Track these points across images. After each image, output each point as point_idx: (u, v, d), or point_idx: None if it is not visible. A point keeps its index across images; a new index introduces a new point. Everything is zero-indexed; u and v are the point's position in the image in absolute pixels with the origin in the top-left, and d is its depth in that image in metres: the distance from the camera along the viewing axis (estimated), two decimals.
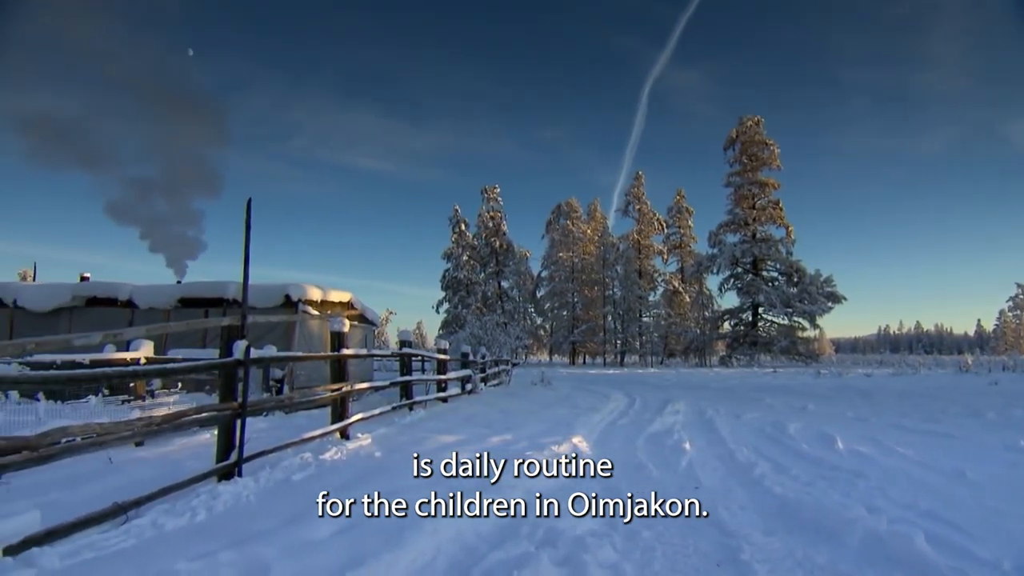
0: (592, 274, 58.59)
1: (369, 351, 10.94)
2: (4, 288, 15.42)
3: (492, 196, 56.49)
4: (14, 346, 3.31)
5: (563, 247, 60.21)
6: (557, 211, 62.88)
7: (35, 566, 3.02)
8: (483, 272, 55.29)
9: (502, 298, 55.72)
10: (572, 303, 60.00)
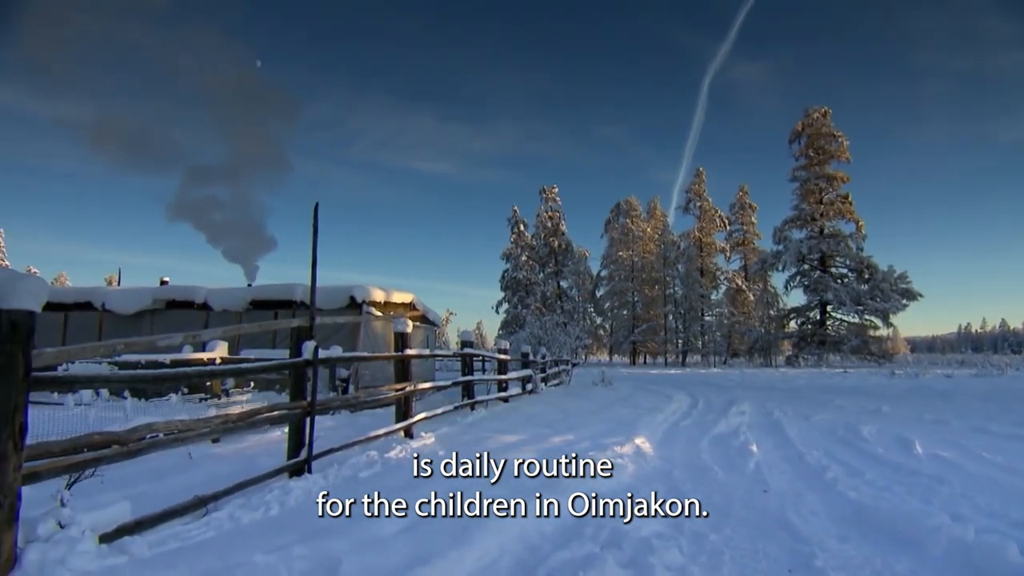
0: (652, 273, 57.82)
1: (431, 351, 11.12)
2: (93, 293, 16.42)
3: (551, 196, 56.45)
4: (106, 347, 3.54)
5: (623, 246, 59.63)
6: (616, 210, 62.31)
7: (127, 554, 3.22)
8: (542, 272, 55.33)
9: (561, 298, 55.61)
10: (632, 302, 59.35)
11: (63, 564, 2.90)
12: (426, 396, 12.92)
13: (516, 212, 55.97)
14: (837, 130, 49.72)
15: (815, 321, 49.41)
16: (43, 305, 2.91)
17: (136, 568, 3.07)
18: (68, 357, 3.45)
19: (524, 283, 53.38)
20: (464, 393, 11.13)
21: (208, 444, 7.07)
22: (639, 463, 6.49)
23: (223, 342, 8.29)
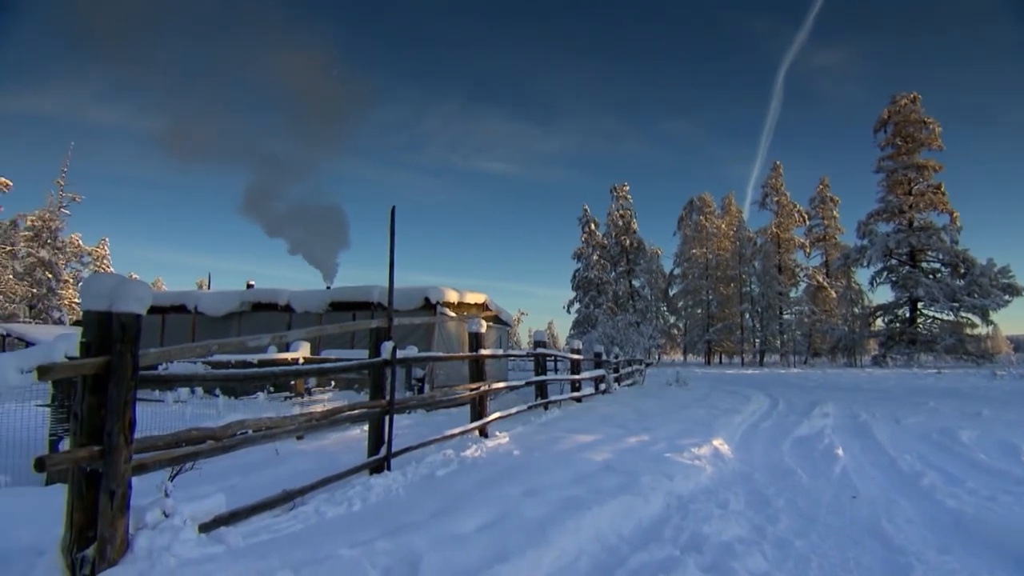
0: (728, 270, 56.25)
1: (505, 351, 11.20)
2: (187, 296, 17.41)
3: (621, 194, 55.82)
4: (202, 347, 3.75)
5: (696, 243, 58.31)
6: (689, 206, 60.97)
7: (223, 543, 3.40)
8: (614, 271, 54.76)
9: (634, 297, 54.87)
10: (707, 301, 57.93)
11: (168, 551, 3.09)
12: (500, 396, 13.03)
13: (587, 211, 55.63)
14: (928, 116, 46.85)
15: (904, 319, 46.77)
16: (147, 309, 3.12)
17: (232, 558, 3.23)
18: (168, 357, 3.67)
19: (595, 282, 52.98)
20: (537, 393, 11.17)
21: (293, 441, 7.36)
22: (717, 465, 6.34)
23: (306, 343, 8.61)
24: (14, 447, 5.72)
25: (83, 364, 2.99)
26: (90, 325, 3.05)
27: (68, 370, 3.02)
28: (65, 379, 3.89)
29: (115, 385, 2.99)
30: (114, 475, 2.99)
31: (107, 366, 2.99)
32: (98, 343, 3.01)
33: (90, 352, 3.03)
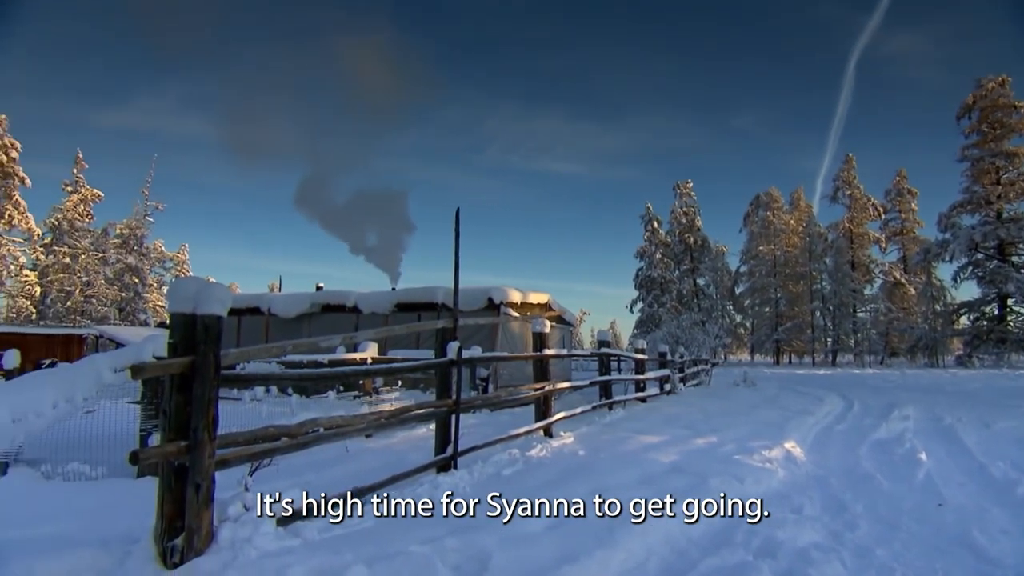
0: (797, 267, 54.40)
1: (569, 351, 11.18)
2: (260, 299, 18.12)
3: (685, 191, 54.82)
4: (278, 347, 3.91)
5: (763, 240, 56.64)
6: (756, 202, 59.28)
7: (300, 537, 3.53)
8: (678, 270, 53.82)
9: (698, 296, 53.78)
10: (775, 299, 56.17)
11: (249, 543, 3.23)
12: (563, 396, 13.01)
13: (649, 209, 54.87)
14: (1018, 100, 43.92)
15: (992, 316, 44.04)
16: (227, 310, 3.26)
17: (309, 551, 3.35)
18: (247, 357, 3.83)
19: (659, 281, 52.19)
20: (602, 393, 11.10)
21: (362, 439, 7.54)
22: (790, 468, 6.15)
23: (374, 343, 8.83)
24: (109, 441, 6.09)
25: (170, 364, 3.16)
26: (176, 327, 3.22)
27: (157, 369, 3.20)
28: (153, 378, 4.11)
29: (199, 384, 3.14)
30: (199, 469, 3.14)
31: (192, 365, 3.14)
32: (183, 344, 3.17)
33: (176, 352, 3.19)
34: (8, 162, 35.33)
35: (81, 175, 39.25)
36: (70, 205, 38.28)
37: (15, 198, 35.83)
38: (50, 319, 35.81)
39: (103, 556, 3.23)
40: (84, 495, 5.06)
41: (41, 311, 36.85)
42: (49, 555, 3.17)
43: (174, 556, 3.09)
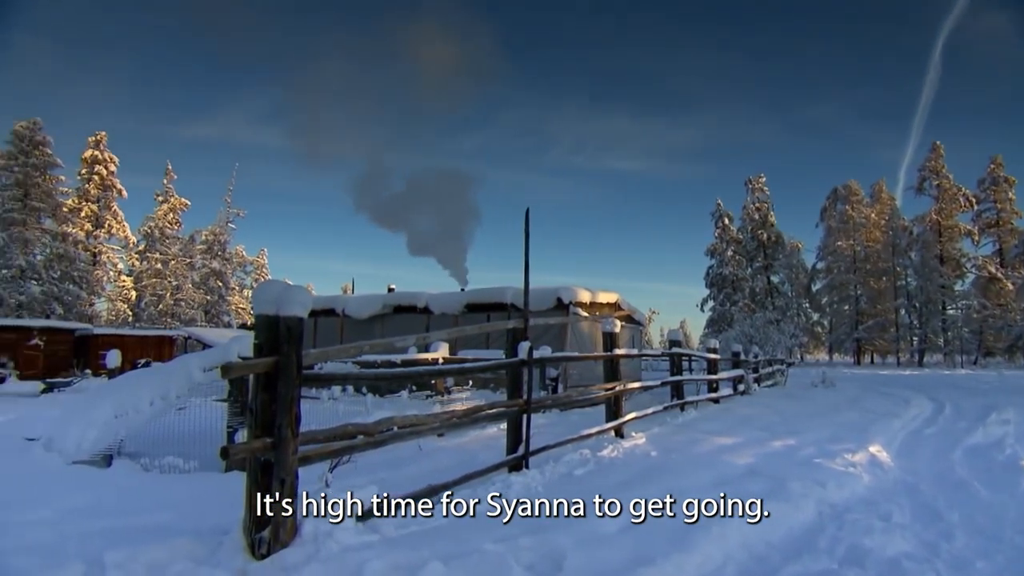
0: (879, 263, 51.82)
1: (639, 351, 11.05)
2: (335, 300, 18.73)
3: (757, 186, 53.20)
4: (355, 348, 4.03)
5: (842, 235, 54.22)
6: (833, 196, 56.79)
7: (378, 532, 3.63)
8: (750, 267, 52.30)
9: (772, 293, 52.07)
10: (855, 296, 53.70)
11: (331, 537, 3.35)
12: (634, 396, 12.86)
13: (720, 205, 53.54)
14: None
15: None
16: (308, 312, 3.39)
17: (387, 546, 3.44)
18: (326, 357, 3.97)
19: (731, 279, 50.86)
20: (673, 393, 10.91)
21: (435, 437, 7.68)
22: (876, 473, 5.87)
23: (445, 343, 8.98)
24: (199, 437, 6.42)
25: (256, 364, 3.31)
26: (260, 328, 3.37)
27: (244, 369, 3.36)
28: (239, 377, 4.33)
29: (283, 383, 3.28)
30: (283, 465, 3.28)
31: (276, 365, 3.28)
32: (268, 344, 3.32)
33: (261, 353, 3.34)
34: (107, 176, 37.78)
35: (171, 186, 41.54)
36: (161, 214, 40.56)
37: (113, 208, 38.25)
38: (144, 321, 38.07)
39: (197, 545, 3.41)
40: (178, 487, 5.36)
41: (136, 314, 39.22)
42: (150, 542, 3.37)
43: (261, 547, 3.24)
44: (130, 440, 6.54)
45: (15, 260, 30.17)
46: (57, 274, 31.72)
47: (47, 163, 32.30)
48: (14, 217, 30.76)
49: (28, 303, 29.98)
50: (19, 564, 3.28)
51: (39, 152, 31.98)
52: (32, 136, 31.89)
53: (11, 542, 3.73)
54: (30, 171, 31.48)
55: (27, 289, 30.17)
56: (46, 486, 5.28)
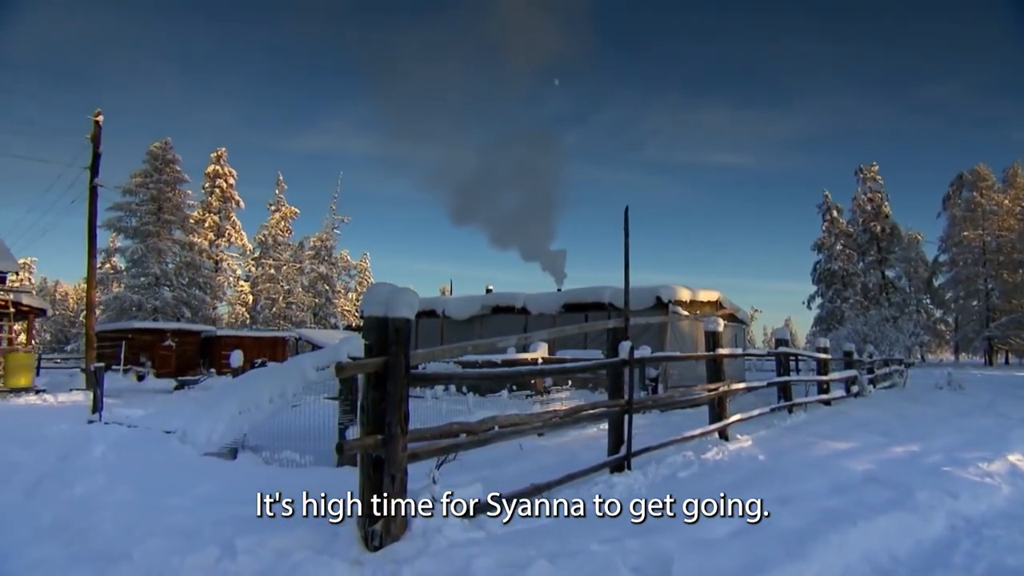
0: (1014, 254, 47.32)
1: (744, 351, 10.67)
2: (436, 302, 19.24)
3: (869, 176, 49.97)
4: (459, 348, 4.14)
5: (968, 224, 49.91)
6: (958, 182, 52.37)
7: (484, 530, 3.70)
8: (862, 261, 49.17)
9: (887, 289, 48.72)
10: (985, 291, 49.28)
11: (439, 532, 3.45)
12: (738, 397, 12.42)
13: (828, 197, 50.67)
14: None
15: None
16: (415, 313, 3.51)
17: (493, 543, 3.50)
18: (432, 357, 4.10)
19: (840, 275, 48.02)
20: (780, 395, 10.44)
21: (535, 437, 7.73)
22: (1017, 484, 5.37)
23: (544, 343, 9.03)
24: (313, 433, 6.79)
25: (366, 364, 3.46)
26: (370, 329, 3.52)
27: (355, 369, 3.51)
28: (349, 376, 4.53)
29: (392, 382, 3.41)
30: (393, 461, 3.41)
31: (385, 365, 3.42)
32: (377, 345, 3.46)
33: (371, 353, 3.49)
34: (227, 188, 40.69)
35: (282, 195, 44.14)
36: (273, 222, 43.18)
37: (232, 219, 41.16)
38: (260, 323, 40.62)
39: (316, 535, 3.61)
40: (296, 480, 5.67)
41: (253, 316, 41.93)
42: (274, 531, 3.61)
43: (374, 540, 3.38)
44: (252, 434, 6.99)
45: (151, 268, 33.03)
46: (185, 280, 34.42)
47: (176, 179, 35.09)
48: (149, 229, 33.64)
49: (162, 307, 32.71)
50: (162, 545, 3.59)
51: (170, 169, 34.80)
52: (164, 155, 34.76)
53: (155, 525, 4.09)
54: (163, 187, 34.31)
55: (161, 295, 32.91)
56: (182, 475, 5.73)
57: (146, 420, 8.82)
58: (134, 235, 34.02)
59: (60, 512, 4.64)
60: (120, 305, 32.69)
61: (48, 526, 4.36)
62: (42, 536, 4.10)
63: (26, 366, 16.23)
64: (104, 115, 19.74)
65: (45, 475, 5.74)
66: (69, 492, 5.10)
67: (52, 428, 8.19)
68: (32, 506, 4.90)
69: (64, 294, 59.44)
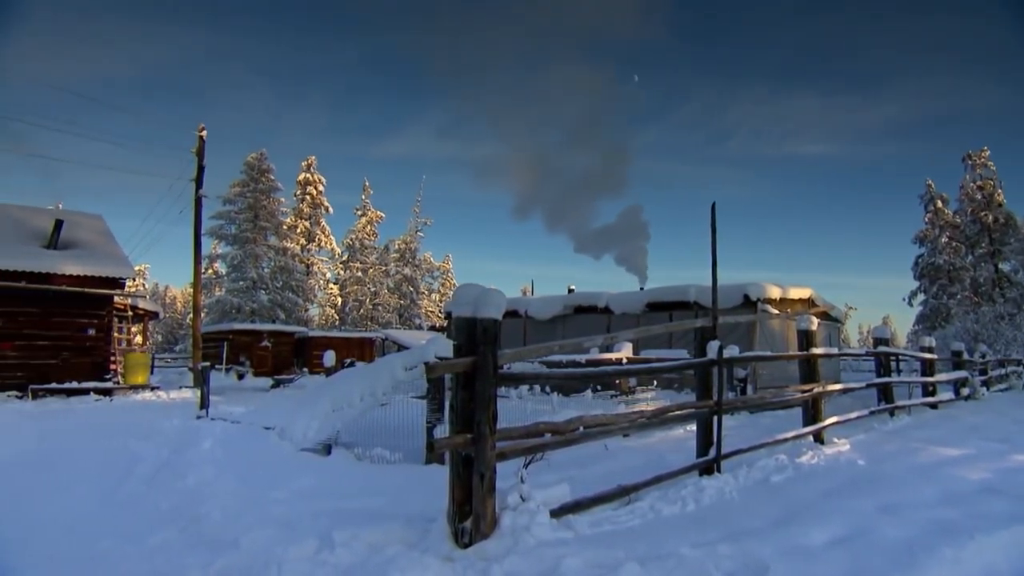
0: None
1: (840, 351, 10.18)
2: (518, 302, 19.36)
3: (980, 161, 46.43)
4: (546, 348, 4.16)
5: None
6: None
7: (572, 530, 3.70)
8: (971, 255, 45.73)
9: (1001, 284, 45.08)
10: None
11: (528, 531, 3.48)
12: (833, 399, 11.86)
13: (931, 187, 47.45)
14: None
15: None
16: (503, 314, 3.55)
17: (581, 544, 3.49)
18: (520, 357, 4.13)
19: (946, 269, 44.85)
20: (881, 397, 9.88)
21: (619, 437, 7.65)
22: None
23: (628, 343, 8.93)
24: (401, 431, 6.98)
25: (456, 363, 3.53)
26: (458, 329, 3.58)
27: (445, 368, 3.60)
28: (438, 376, 4.64)
29: (480, 381, 3.46)
30: (483, 460, 3.46)
31: (473, 365, 3.47)
32: (466, 345, 3.52)
33: (460, 353, 3.56)
34: (317, 195, 42.53)
35: (368, 200, 45.68)
36: (360, 227, 44.75)
37: (322, 224, 42.95)
38: (348, 324, 42.18)
39: (408, 530, 3.72)
40: (386, 476, 5.87)
41: (342, 317, 43.58)
42: (368, 525, 3.74)
43: (464, 537, 3.44)
44: (344, 431, 7.26)
45: (248, 273, 34.92)
46: (280, 284, 36.16)
47: (271, 187, 36.94)
48: (247, 236, 35.58)
49: (259, 310, 34.51)
50: (266, 535, 3.79)
51: (265, 179, 36.69)
52: (259, 165, 36.68)
53: (259, 515, 4.33)
54: (258, 196, 36.21)
55: (258, 297, 34.74)
56: (281, 469, 6.03)
57: (247, 417, 9.32)
58: (233, 241, 36.07)
59: (176, 500, 4.99)
60: (222, 308, 34.73)
61: (166, 512, 4.71)
62: (162, 522, 4.42)
63: (143, 365, 17.50)
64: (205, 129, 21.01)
65: (162, 466, 6.19)
66: (183, 482, 5.48)
67: (165, 423, 8.81)
68: (152, 494, 5.29)
69: (173, 298, 63.66)
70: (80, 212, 20.41)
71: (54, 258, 16.61)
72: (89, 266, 16.87)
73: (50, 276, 16.14)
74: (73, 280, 16.44)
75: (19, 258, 15.97)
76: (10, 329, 15.77)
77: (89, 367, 16.53)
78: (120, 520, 4.63)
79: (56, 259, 16.58)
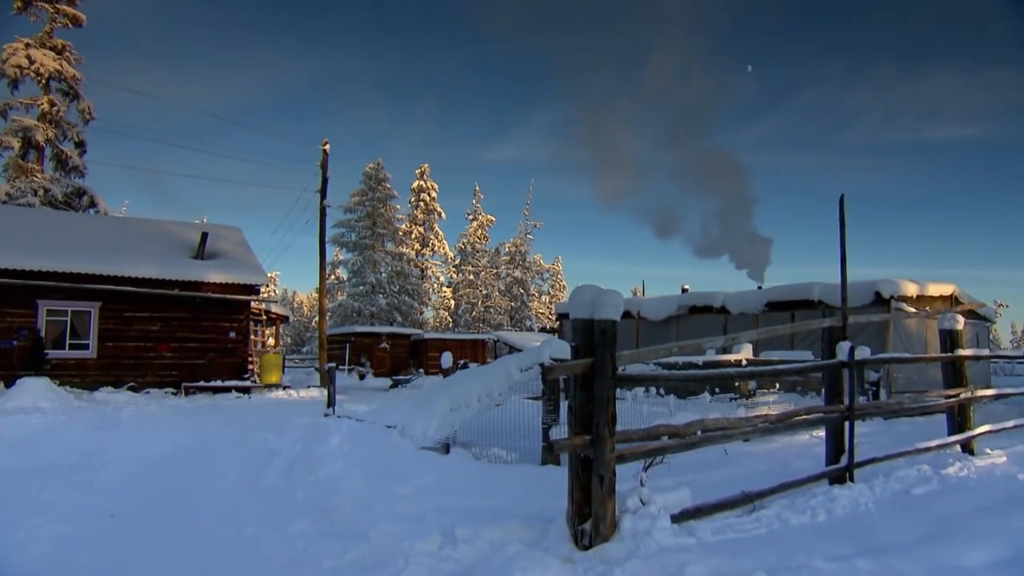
0: None
1: (990, 352, 9.27)
2: (630, 303, 19.06)
3: None
4: (664, 349, 4.08)
5: None
6: None
7: (694, 536, 3.60)
8: None
9: None
10: None
11: (649, 536, 3.42)
12: (984, 406, 10.80)
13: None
14: None
15: None
16: (621, 315, 3.52)
17: (705, 551, 3.39)
18: (639, 358, 4.07)
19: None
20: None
21: (739, 442, 7.37)
22: None
23: (748, 344, 8.57)
24: (516, 431, 7.08)
25: (573, 365, 3.53)
26: (576, 331, 3.59)
27: (563, 370, 3.61)
28: (554, 377, 4.66)
29: (599, 383, 3.45)
30: (602, 462, 3.44)
31: (592, 366, 3.47)
32: (584, 346, 3.52)
33: (578, 354, 3.56)
34: (430, 201, 44.01)
35: (478, 205, 46.73)
36: (471, 231, 45.83)
37: (435, 229, 44.39)
38: (461, 326, 43.27)
39: (527, 529, 3.76)
40: (504, 476, 5.96)
41: (455, 320, 44.77)
42: (488, 523, 3.82)
43: (584, 539, 3.44)
44: (462, 431, 7.46)
45: (368, 278, 36.71)
46: (396, 288, 37.70)
47: (387, 195, 38.64)
48: (366, 243, 37.42)
49: (377, 313, 36.17)
50: (393, 528, 3.97)
51: (382, 187, 38.43)
52: (377, 174, 38.47)
53: (385, 509, 4.54)
54: (376, 204, 37.99)
55: (376, 301, 36.42)
56: (403, 465, 6.28)
57: (370, 415, 9.78)
58: (353, 248, 38.02)
59: (309, 493, 5.34)
60: (344, 311, 36.67)
61: (301, 503, 5.04)
62: (298, 512, 4.75)
63: (276, 365, 18.80)
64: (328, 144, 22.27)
65: (296, 459, 6.63)
66: (315, 476, 5.83)
67: (297, 420, 9.42)
68: (288, 486, 5.69)
69: (300, 303, 67.89)
70: (221, 225, 22.28)
71: (201, 267, 18.23)
72: (230, 274, 18.38)
73: (198, 284, 17.77)
74: (217, 287, 17.98)
75: (174, 268, 17.71)
76: (166, 332, 17.48)
77: (231, 367, 18.00)
78: (262, 509, 5.02)
79: (203, 268, 18.19)
